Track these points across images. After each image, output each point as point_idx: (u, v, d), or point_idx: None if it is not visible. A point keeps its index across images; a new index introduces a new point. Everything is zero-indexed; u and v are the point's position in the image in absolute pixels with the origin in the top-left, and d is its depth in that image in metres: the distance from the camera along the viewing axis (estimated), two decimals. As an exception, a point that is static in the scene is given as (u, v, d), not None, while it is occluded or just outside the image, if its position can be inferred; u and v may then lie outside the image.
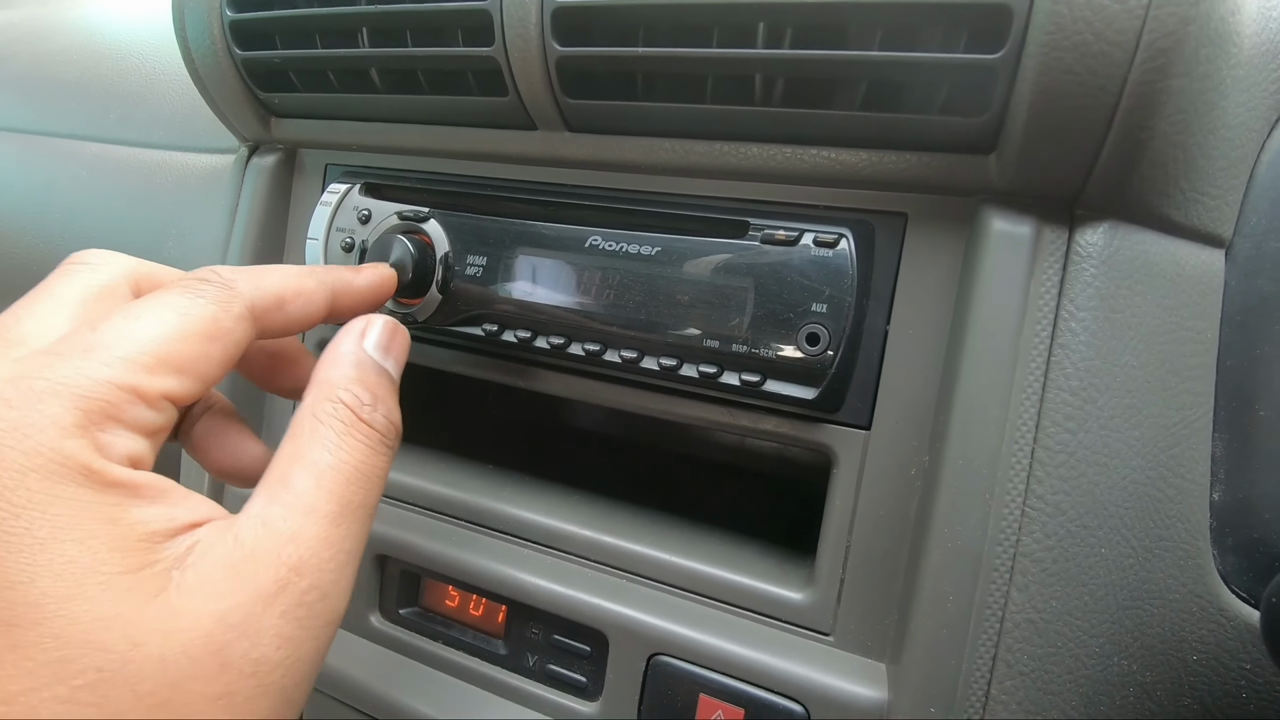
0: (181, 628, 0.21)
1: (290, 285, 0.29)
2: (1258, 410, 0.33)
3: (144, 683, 0.20)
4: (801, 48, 0.30)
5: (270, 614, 0.23)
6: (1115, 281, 0.30)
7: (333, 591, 0.24)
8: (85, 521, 0.21)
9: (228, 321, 0.26)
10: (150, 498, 0.22)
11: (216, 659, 0.21)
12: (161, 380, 0.23)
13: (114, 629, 0.20)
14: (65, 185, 0.65)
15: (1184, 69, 0.26)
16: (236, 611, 0.22)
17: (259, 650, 0.22)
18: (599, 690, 0.36)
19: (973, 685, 0.29)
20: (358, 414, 0.27)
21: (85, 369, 0.22)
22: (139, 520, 0.22)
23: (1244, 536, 0.32)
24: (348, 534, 0.25)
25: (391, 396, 0.29)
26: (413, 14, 0.37)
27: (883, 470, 0.33)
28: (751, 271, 0.33)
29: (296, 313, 0.29)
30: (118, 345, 0.23)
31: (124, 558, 0.21)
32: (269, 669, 0.22)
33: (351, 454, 0.26)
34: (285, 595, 0.23)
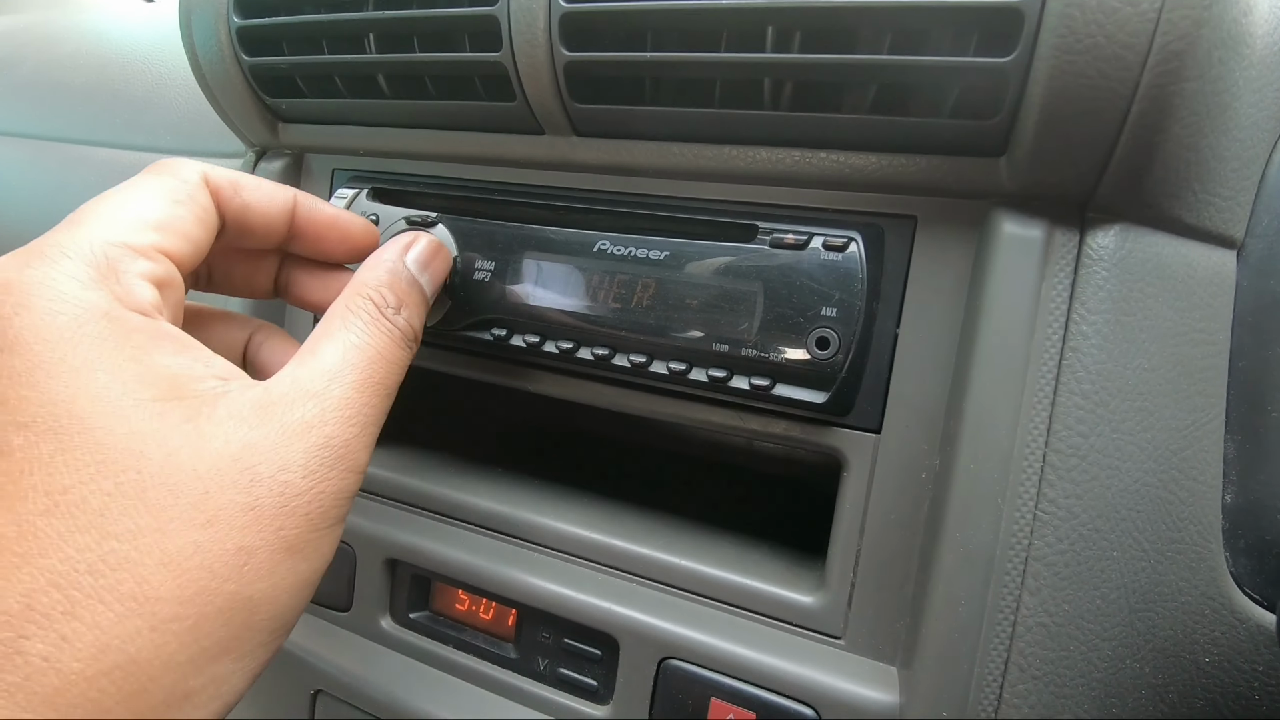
0: (213, 447, 0.24)
1: (246, 175, 0.32)
2: (1270, 411, 0.32)
3: (180, 484, 0.23)
4: (810, 51, 0.30)
5: (296, 447, 0.25)
6: (1127, 284, 0.29)
7: (354, 445, 0.27)
8: (112, 357, 0.23)
9: (187, 189, 0.29)
10: (173, 348, 0.25)
11: (247, 474, 0.24)
12: (146, 235, 0.26)
13: (149, 441, 0.23)
14: (75, 190, 0.66)
15: (1197, 72, 0.26)
16: (265, 440, 0.25)
17: (286, 475, 0.25)
18: (610, 694, 0.36)
19: (985, 689, 0.29)
20: (382, 312, 0.30)
21: (81, 235, 0.25)
22: (162, 364, 0.24)
23: (1256, 538, 0.32)
24: (368, 402, 0.28)
25: (419, 306, 0.33)
26: (420, 19, 0.37)
27: (893, 474, 0.33)
28: (760, 275, 0.33)
29: (255, 201, 0.32)
30: (99, 215, 0.26)
31: (152, 389, 0.24)
32: (295, 493, 0.25)
33: (375, 339, 0.29)
34: (311, 435, 0.26)
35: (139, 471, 0.22)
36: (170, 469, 0.23)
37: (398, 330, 0.30)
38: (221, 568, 0.23)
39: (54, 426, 0.22)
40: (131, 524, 0.22)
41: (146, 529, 0.22)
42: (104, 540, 0.22)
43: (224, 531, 0.23)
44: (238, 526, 0.23)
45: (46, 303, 0.23)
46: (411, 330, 0.31)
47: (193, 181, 0.29)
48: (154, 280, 0.26)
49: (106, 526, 0.22)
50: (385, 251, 0.33)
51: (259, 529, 0.24)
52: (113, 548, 0.22)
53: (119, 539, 0.22)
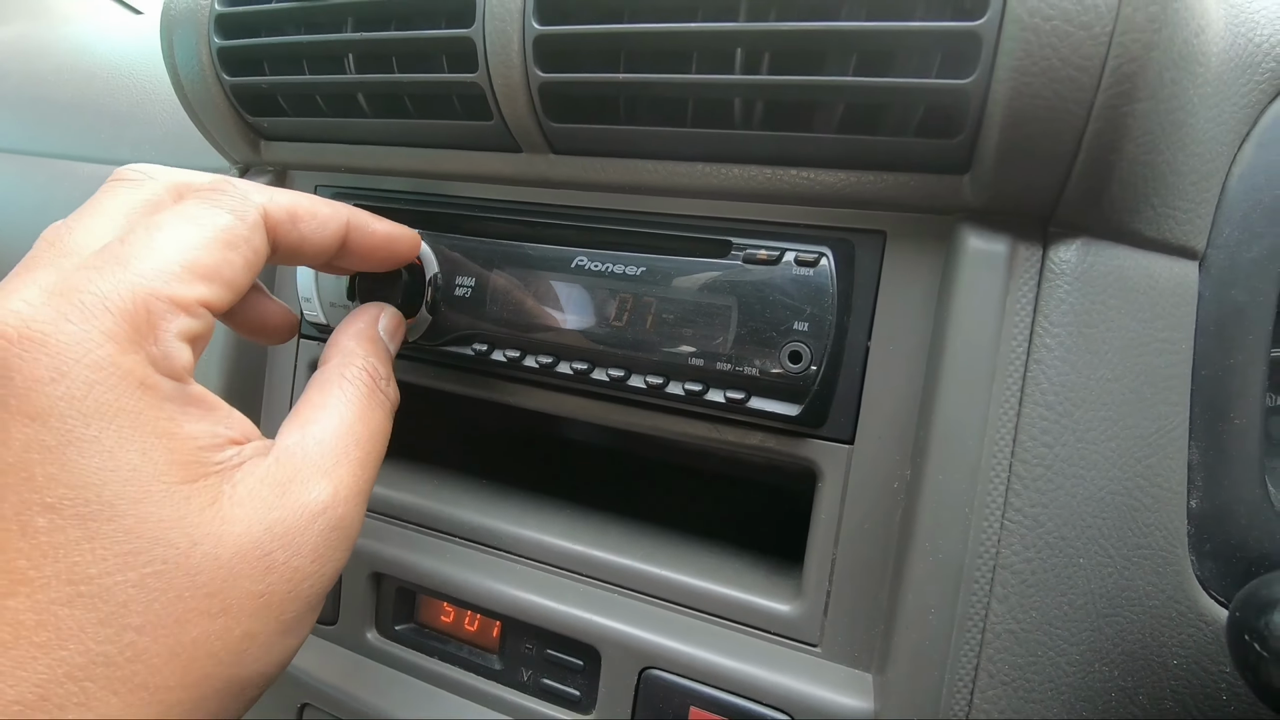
0: (235, 533, 0.24)
1: (303, 204, 0.30)
2: (1232, 418, 0.33)
3: (201, 574, 0.23)
4: (779, 73, 0.31)
5: (311, 530, 0.26)
6: (1089, 297, 0.30)
7: (355, 522, 0.28)
8: (145, 434, 0.23)
9: (244, 229, 0.27)
10: (198, 413, 0.25)
11: (263, 562, 0.24)
12: (194, 288, 0.25)
13: (176, 529, 0.23)
14: (60, 206, 0.66)
15: (1149, 92, 0.26)
16: (282, 524, 0.25)
17: (298, 560, 0.25)
18: (592, 703, 0.37)
19: (956, 695, 0.30)
20: (376, 384, 0.31)
21: (125, 281, 0.23)
22: (190, 435, 0.24)
23: (1220, 542, 0.33)
24: (368, 478, 0.29)
25: (393, 376, 0.34)
26: (398, 41, 0.37)
27: (866, 484, 0.34)
28: (734, 290, 0.34)
29: (310, 232, 0.30)
30: (147, 257, 0.24)
31: (181, 469, 0.24)
32: (303, 577, 0.25)
33: (372, 414, 0.30)
34: (324, 517, 0.26)
35: (165, 562, 0.22)
36: (194, 559, 0.23)
37: (389, 403, 0.32)
38: (226, 654, 0.24)
39: (82, 512, 0.22)
40: (152, 616, 0.22)
41: (165, 621, 0.22)
42: (123, 633, 0.22)
43: (235, 620, 0.24)
44: (248, 613, 0.24)
45: (85, 371, 0.22)
46: (397, 400, 0.33)
47: (251, 221, 0.27)
48: (192, 338, 0.25)
49: (127, 619, 0.22)
50: (358, 322, 0.34)
51: (266, 615, 0.24)
52: (131, 640, 0.22)
53: (138, 631, 0.22)
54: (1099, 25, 0.25)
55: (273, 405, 0.49)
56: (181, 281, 0.24)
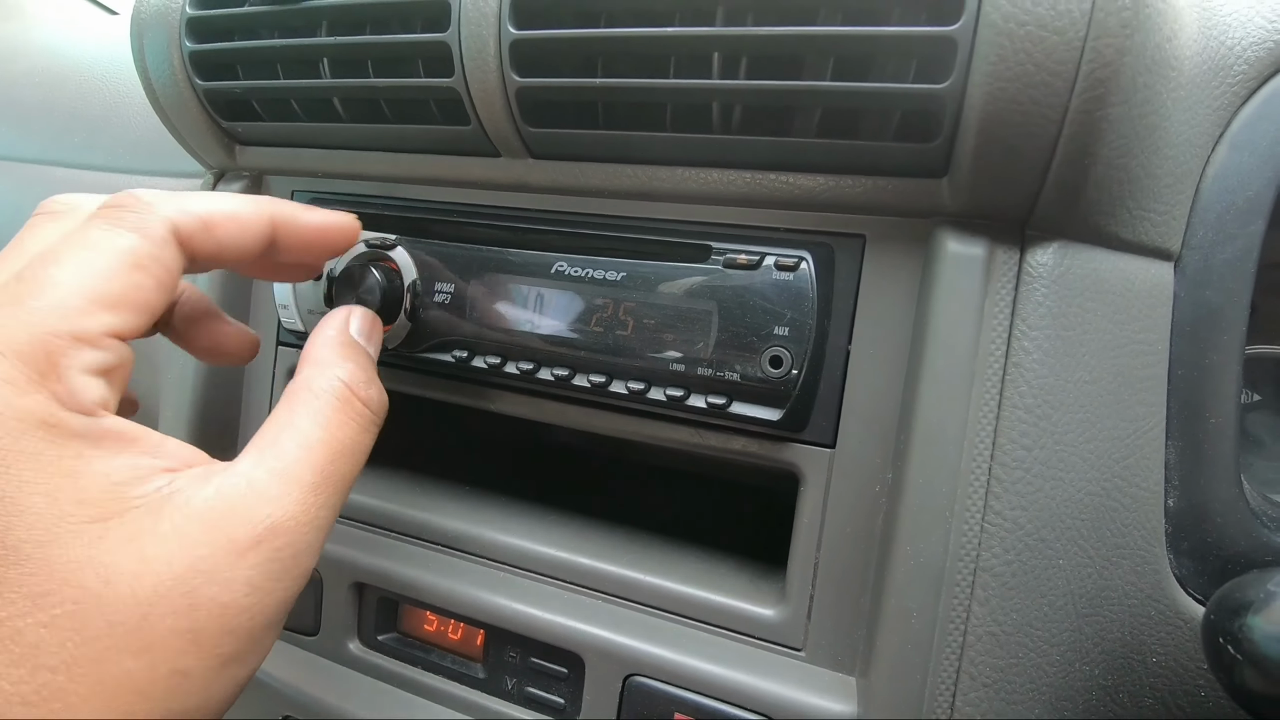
0: (154, 570, 0.23)
1: (219, 208, 0.28)
2: (1208, 418, 0.34)
3: (117, 614, 0.22)
4: (756, 77, 0.31)
5: (242, 565, 0.24)
6: (1066, 299, 0.30)
7: (305, 551, 0.26)
8: (49, 475, 0.22)
9: (150, 247, 0.25)
10: (115, 448, 0.23)
11: (186, 599, 0.23)
12: (98, 319, 0.23)
13: (87, 570, 0.22)
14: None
15: (1122, 97, 0.27)
16: (209, 560, 0.24)
17: (228, 595, 0.24)
18: (577, 711, 0.37)
19: (938, 697, 0.30)
20: (355, 391, 0.29)
21: (20, 321, 0.22)
22: (101, 473, 0.23)
23: (1198, 541, 0.33)
24: (325, 503, 0.27)
25: (377, 377, 0.31)
26: (373, 45, 0.37)
27: (848, 488, 0.34)
28: (715, 295, 0.34)
29: (229, 237, 0.28)
30: (43, 293, 0.23)
31: (91, 508, 0.22)
32: (235, 612, 0.24)
33: (342, 430, 0.28)
34: (259, 550, 0.25)
35: (76, 603, 0.22)
36: (108, 598, 0.22)
37: (369, 411, 0.29)
38: (156, 691, 0.23)
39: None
40: (67, 656, 0.21)
41: (82, 660, 0.22)
42: (37, 673, 0.21)
43: (160, 657, 0.23)
44: (175, 651, 0.23)
45: None
46: (382, 404, 0.31)
47: (158, 238, 0.26)
48: (102, 370, 0.24)
49: (40, 659, 0.21)
50: (328, 327, 0.32)
51: (197, 652, 0.23)
52: (46, 680, 0.21)
53: (53, 671, 0.21)
54: (1072, 30, 0.25)
55: (250, 417, 0.48)
56: (83, 314, 0.23)
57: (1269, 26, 0.33)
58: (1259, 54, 0.33)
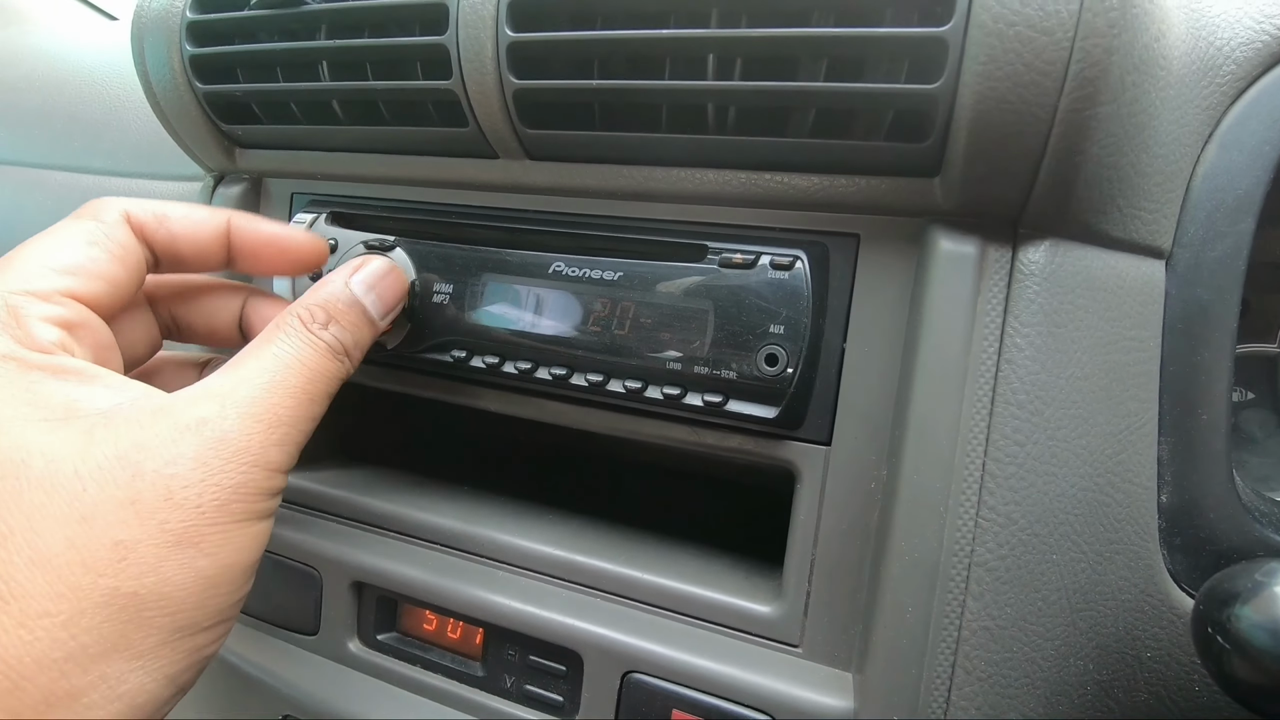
0: (98, 450, 0.24)
1: (175, 205, 0.33)
2: (1200, 414, 0.34)
3: (57, 485, 0.24)
4: (751, 78, 0.31)
5: (187, 441, 0.25)
6: (1058, 297, 0.31)
7: (259, 438, 0.27)
8: (7, 390, 0.25)
9: (104, 228, 0.30)
10: (77, 380, 0.26)
11: (127, 470, 0.24)
12: (52, 281, 0.28)
13: (33, 451, 0.24)
14: (32, 215, 0.65)
15: (1111, 96, 0.27)
16: (154, 439, 0.25)
17: (173, 468, 0.25)
18: (575, 709, 0.37)
19: (934, 692, 0.30)
20: (306, 325, 0.31)
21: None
22: (60, 390, 0.25)
23: (1191, 536, 0.34)
24: (280, 402, 0.28)
25: (358, 323, 0.33)
26: (372, 48, 0.37)
27: (844, 484, 0.34)
28: (711, 294, 0.34)
29: (182, 230, 0.32)
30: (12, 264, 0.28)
31: (45, 411, 0.25)
32: (181, 484, 0.25)
33: (296, 349, 0.30)
34: (205, 429, 0.26)
35: (18, 478, 0.23)
36: (50, 472, 0.24)
37: (322, 342, 0.31)
38: (96, 563, 0.23)
39: None
40: (3, 526, 0.23)
41: (18, 529, 0.23)
42: None
43: (100, 526, 0.23)
44: (115, 521, 0.24)
45: None
46: (340, 344, 0.32)
47: (110, 221, 0.30)
48: (59, 322, 0.27)
49: None
50: (333, 274, 0.34)
51: (139, 522, 0.24)
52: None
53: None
54: (1060, 31, 0.26)
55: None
56: (39, 277, 0.27)
57: (1257, 27, 0.33)
58: (1247, 54, 0.33)
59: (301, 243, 0.36)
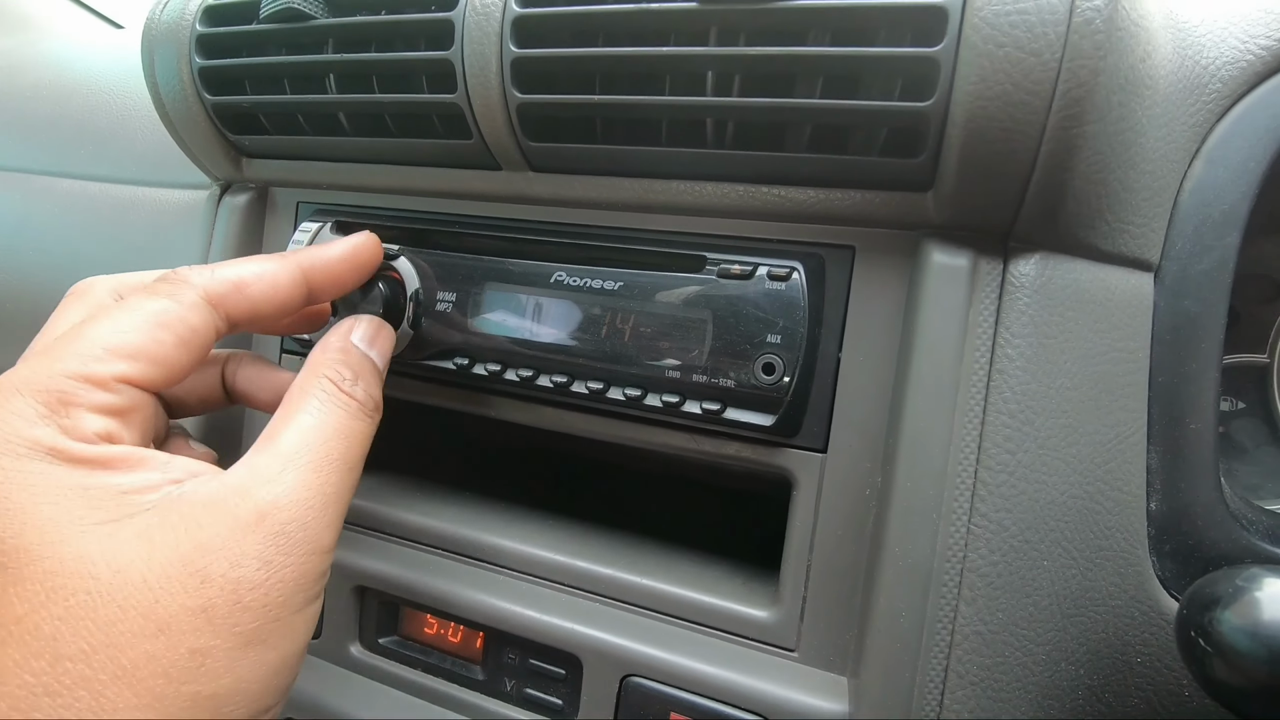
0: (162, 555, 0.24)
1: (250, 269, 0.32)
2: (1188, 423, 0.35)
3: (129, 598, 0.23)
4: (749, 95, 0.32)
5: (250, 540, 0.25)
6: (1048, 309, 0.31)
7: (314, 524, 0.27)
8: (57, 489, 0.24)
9: (178, 309, 0.29)
10: (125, 468, 0.26)
11: (196, 576, 0.24)
12: (111, 366, 0.26)
13: (99, 563, 0.23)
14: (38, 222, 0.66)
15: (1097, 115, 0.28)
16: (215, 539, 0.25)
17: (239, 571, 0.25)
18: (574, 712, 0.37)
19: (927, 696, 0.31)
20: (339, 386, 0.31)
21: (42, 368, 0.26)
22: (110, 484, 0.25)
23: (1180, 543, 0.34)
24: (327, 480, 0.28)
25: (372, 378, 0.33)
26: (378, 62, 0.38)
27: (840, 491, 0.35)
28: (709, 304, 0.35)
29: (261, 294, 0.32)
30: (72, 344, 0.27)
31: (100, 512, 0.24)
32: (250, 586, 0.25)
33: (333, 416, 0.30)
34: (265, 524, 0.26)
35: (89, 593, 0.23)
36: (119, 585, 0.23)
37: (355, 402, 0.31)
38: (177, 672, 0.24)
39: (2, 563, 0.23)
40: (84, 644, 0.23)
41: (99, 646, 0.23)
42: (58, 663, 0.22)
43: (176, 636, 0.24)
44: (189, 630, 0.24)
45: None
46: (370, 399, 0.32)
47: (187, 302, 0.29)
48: (109, 410, 0.26)
49: (59, 649, 0.22)
50: (330, 336, 0.34)
51: (213, 630, 0.24)
52: (66, 669, 0.22)
53: (72, 660, 0.22)
54: (1048, 53, 0.27)
55: (254, 428, 0.49)
56: (99, 361, 0.26)
57: (1241, 46, 0.34)
58: (1232, 73, 0.34)
59: (368, 246, 0.36)
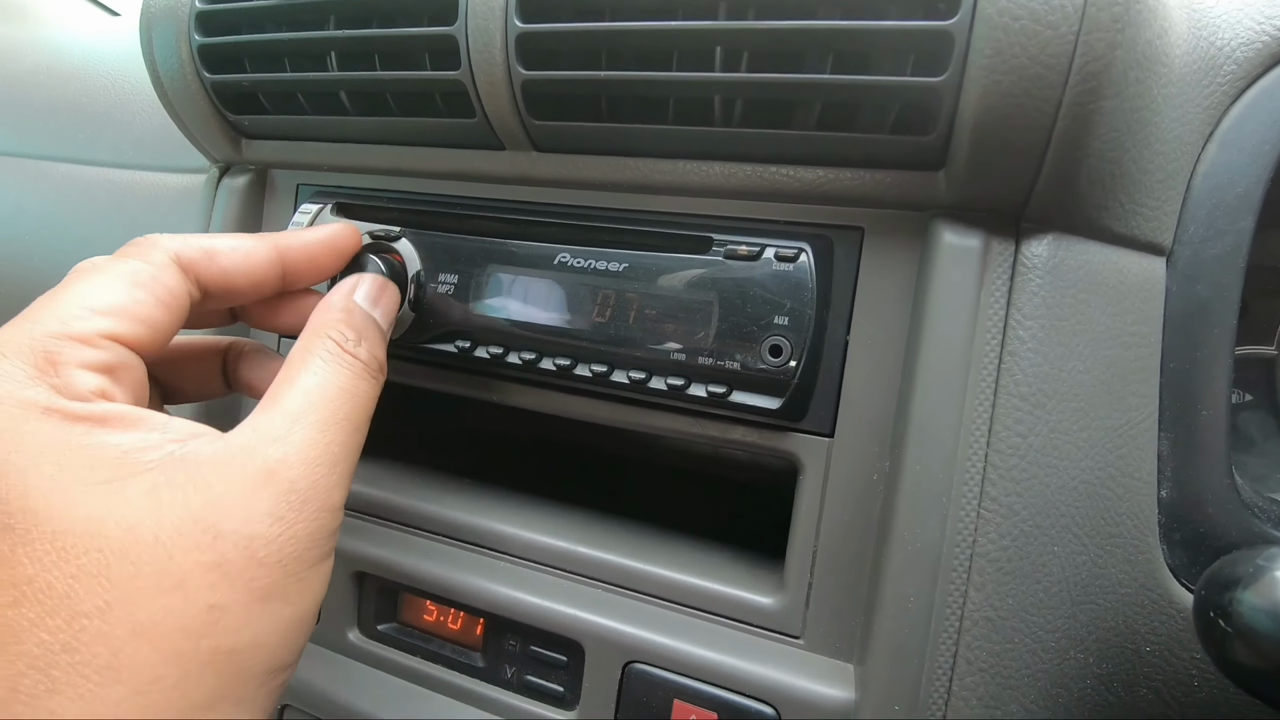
0: (172, 513, 0.24)
1: (222, 241, 0.32)
2: (1200, 410, 0.34)
3: (141, 556, 0.23)
4: (757, 71, 0.31)
5: (260, 497, 0.26)
6: (1060, 290, 0.31)
7: (323, 482, 0.27)
8: (57, 448, 0.24)
9: (152, 270, 0.29)
10: (123, 426, 0.25)
11: (209, 533, 0.24)
12: (93, 323, 0.26)
13: (107, 521, 0.23)
14: (35, 207, 0.65)
15: (1114, 90, 0.27)
16: (227, 496, 0.25)
17: (251, 527, 0.25)
18: (576, 699, 0.37)
19: (935, 683, 0.30)
20: (342, 347, 0.31)
21: (22, 331, 0.26)
22: (111, 443, 0.25)
23: (1190, 531, 0.34)
24: (334, 439, 0.28)
25: (376, 338, 0.33)
26: (381, 38, 0.37)
27: (846, 476, 0.34)
28: (716, 286, 0.34)
29: (233, 264, 0.32)
30: (51, 306, 0.27)
31: (103, 470, 0.24)
32: (262, 544, 0.25)
33: (336, 376, 0.30)
34: (274, 481, 0.26)
35: (100, 550, 0.23)
36: (130, 542, 0.23)
37: (360, 362, 0.31)
38: (195, 626, 0.24)
39: (9, 524, 0.23)
40: (100, 600, 0.23)
41: (115, 603, 0.23)
42: (74, 619, 0.22)
43: (193, 592, 0.24)
44: (205, 585, 0.24)
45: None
46: (374, 359, 0.32)
47: (158, 263, 0.29)
48: (99, 367, 0.26)
49: (75, 606, 0.22)
50: (333, 295, 0.34)
51: (229, 585, 0.24)
52: (84, 625, 0.22)
53: (89, 616, 0.22)
54: (1065, 25, 0.26)
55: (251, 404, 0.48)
56: (80, 320, 0.26)
57: (1257, 27, 0.34)
58: (1248, 54, 0.34)
59: (345, 233, 0.36)
